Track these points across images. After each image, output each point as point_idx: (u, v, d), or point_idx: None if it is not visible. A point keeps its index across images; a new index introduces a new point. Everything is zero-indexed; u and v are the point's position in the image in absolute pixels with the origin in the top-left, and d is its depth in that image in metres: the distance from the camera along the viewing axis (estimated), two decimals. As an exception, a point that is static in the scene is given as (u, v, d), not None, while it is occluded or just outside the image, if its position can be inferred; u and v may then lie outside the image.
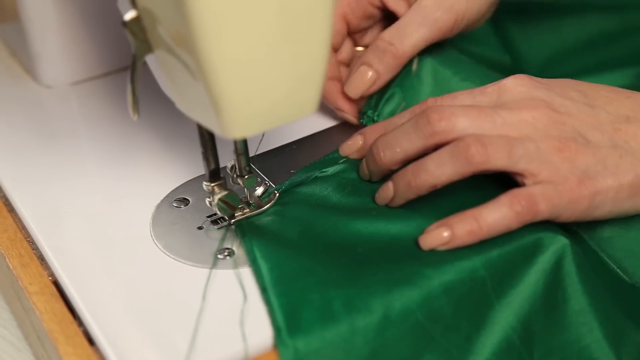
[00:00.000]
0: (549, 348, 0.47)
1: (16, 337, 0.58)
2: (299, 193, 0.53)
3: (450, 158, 0.48)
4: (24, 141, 0.60)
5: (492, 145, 0.47)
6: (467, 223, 0.47)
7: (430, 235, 0.48)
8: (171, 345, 0.45)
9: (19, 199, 0.55)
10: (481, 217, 0.47)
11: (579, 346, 0.47)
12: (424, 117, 0.49)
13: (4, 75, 0.68)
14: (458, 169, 0.48)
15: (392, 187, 0.51)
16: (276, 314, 0.45)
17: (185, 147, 0.58)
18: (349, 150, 0.55)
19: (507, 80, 0.51)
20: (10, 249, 0.52)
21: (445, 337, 0.46)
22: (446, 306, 0.46)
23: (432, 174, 0.48)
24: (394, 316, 0.45)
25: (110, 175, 0.57)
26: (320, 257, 0.48)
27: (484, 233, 0.47)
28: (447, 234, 0.47)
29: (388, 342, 0.45)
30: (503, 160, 0.47)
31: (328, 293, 0.45)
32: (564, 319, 0.47)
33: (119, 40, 0.66)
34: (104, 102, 0.64)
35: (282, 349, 0.43)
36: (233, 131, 0.43)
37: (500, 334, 0.46)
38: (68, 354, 0.45)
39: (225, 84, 0.42)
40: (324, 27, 0.43)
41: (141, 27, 0.45)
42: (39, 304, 0.48)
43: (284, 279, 0.46)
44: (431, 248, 0.48)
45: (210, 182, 0.50)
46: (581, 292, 0.47)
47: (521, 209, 0.47)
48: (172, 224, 0.52)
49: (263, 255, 0.48)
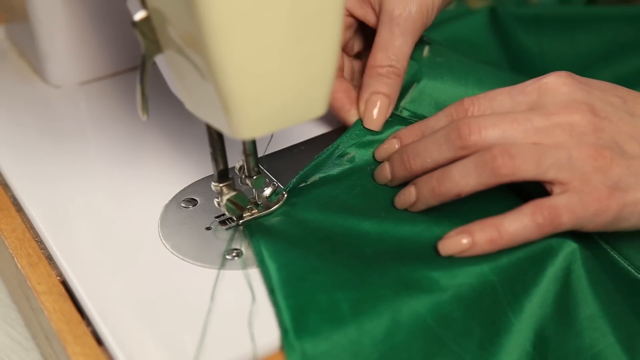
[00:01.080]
0: (562, 354, 0.47)
1: (24, 337, 0.58)
2: (308, 194, 0.53)
3: (476, 169, 0.47)
4: (33, 141, 0.61)
5: (519, 156, 0.47)
6: (488, 231, 0.47)
7: (449, 241, 0.47)
8: (179, 345, 0.45)
9: (27, 198, 0.55)
10: (502, 226, 0.47)
11: (592, 352, 0.46)
12: (455, 130, 0.48)
13: (12, 75, 0.68)
14: (483, 180, 0.47)
15: (415, 192, 0.50)
16: (283, 315, 0.45)
17: (193, 147, 0.58)
18: (385, 154, 0.54)
19: (548, 79, 0.49)
20: (18, 249, 0.52)
21: (457, 343, 0.45)
22: (456, 310, 0.46)
23: (457, 183, 0.48)
24: (402, 319, 0.45)
25: (119, 175, 0.57)
26: (328, 258, 0.48)
27: (504, 242, 0.47)
28: (467, 241, 0.47)
29: (397, 346, 0.44)
30: (531, 171, 0.47)
31: (336, 295, 0.45)
32: (576, 325, 0.47)
33: (127, 41, 0.66)
34: (112, 102, 0.64)
35: (289, 351, 0.43)
36: (242, 132, 0.43)
37: (515, 341, 0.46)
38: (76, 354, 0.45)
39: (235, 85, 0.42)
40: (334, 28, 0.43)
41: (151, 27, 0.45)
42: (47, 303, 0.48)
43: (291, 280, 0.46)
44: (450, 254, 0.47)
45: (219, 183, 0.50)
46: (592, 297, 0.47)
47: (543, 221, 0.46)
48: (180, 225, 0.52)
49: (271, 255, 0.48)
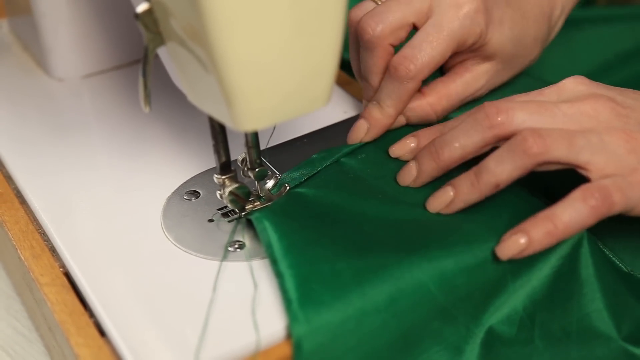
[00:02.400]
0: (550, 315, 0.47)
1: (27, 329, 0.59)
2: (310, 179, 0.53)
3: (509, 153, 0.47)
4: (36, 133, 0.61)
5: (550, 136, 0.46)
6: (542, 225, 0.46)
7: (506, 244, 0.47)
8: (182, 336, 0.45)
9: (30, 191, 0.55)
10: (555, 216, 0.46)
11: (579, 315, 0.47)
12: (481, 111, 0.48)
13: (16, 69, 0.68)
14: (517, 163, 0.47)
15: (452, 190, 0.49)
16: (287, 285, 0.45)
17: (196, 139, 0.58)
18: (400, 150, 0.54)
19: (566, 81, 0.50)
20: (22, 241, 0.52)
21: (456, 307, 0.46)
22: (459, 277, 0.46)
23: (493, 172, 0.47)
24: (405, 287, 0.45)
25: (121, 168, 0.57)
26: (327, 231, 0.48)
27: (560, 233, 0.46)
28: (524, 240, 0.46)
29: (400, 313, 0.45)
30: (563, 150, 0.46)
31: (338, 264, 0.46)
32: (568, 287, 0.47)
33: (130, 34, 0.66)
34: (115, 95, 0.64)
35: (293, 321, 0.44)
36: (245, 124, 0.43)
37: (510, 302, 0.47)
38: (79, 345, 0.45)
39: (237, 77, 0.42)
40: (336, 21, 0.43)
41: (153, 20, 0.45)
42: (50, 295, 0.48)
43: (293, 249, 0.47)
44: (510, 257, 0.47)
45: (221, 175, 0.50)
46: (590, 263, 0.47)
47: (595, 203, 0.45)
48: (182, 217, 0.52)
49: (272, 225, 0.48)
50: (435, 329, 0.46)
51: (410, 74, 0.53)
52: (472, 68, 0.57)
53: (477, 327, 0.47)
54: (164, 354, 0.45)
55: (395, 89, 0.54)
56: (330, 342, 0.44)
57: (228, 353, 0.44)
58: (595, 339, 0.47)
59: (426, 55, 0.53)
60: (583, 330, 0.47)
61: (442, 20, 0.53)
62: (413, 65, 0.53)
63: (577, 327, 0.47)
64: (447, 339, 0.46)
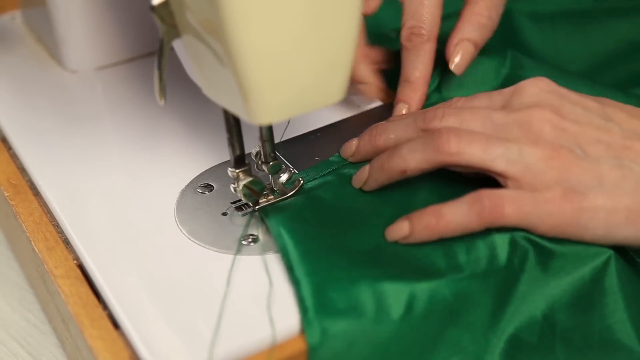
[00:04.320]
0: (571, 325, 0.47)
1: (40, 320, 0.59)
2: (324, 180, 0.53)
3: (422, 145, 0.48)
4: (50, 125, 0.61)
5: (466, 138, 0.47)
6: (426, 218, 0.47)
7: (393, 227, 0.48)
8: (195, 329, 0.45)
9: (44, 183, 0.55)
10: (440, 213, 0.46)
11: (601, 326, 0.47)
12: (422, 114, 0.50)
13: (29, 60, 0.68)
14: (428, 156, 0.47)
15: (368, 169, 0.51)
16: (303, 293, 0.45)
17: (209, 133, 0.58)
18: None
19: (525, 82, 0.49)
20: (35, 232, 0.52)
21: (470, 312, 0.46)
22: (473, 284, 0.46)
23: (404, 158, 0.48)
24: (421, 295, 0.45)
25: (135, 160, 0.57)
26: (344, 238, 0.48)
27: (441, 229, 0.46)
28: (407, 229, 0.47)
29: (414, 321, 0.45)
30: (477, 155, 0.46)
31: (353, 271, 0.45)
32: (590, 297, 0.47)
33: (144, 26, 0.66)
34: (129, 88, 0.64)
35: (308, 330, 0.44)
36: (260, 117, 0.43)
37: (525, 308, 0.46)
38: (93, 338, 0.45)
39: (253, 71, 0.42)
40: (352, 14, 0.43)
41: (169, 12, 0.45)
42: (64, 287, 0.48)
43: (309, 256, 0.46)
44: (394, 240, 0.48)
45: (235, 169, 0.50)
46: (614, 272, 0.47)
47: (481, 209, 0.46)
48: (196, 210, 0.52)
49: (288, 232, 0.48)
50: (452, 338, 0.46)
51: (425, 37, 0.55)
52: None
53: (496, 336, 0.46)
54: (177, 346, 0.45)
55: (418, 56, 0.55)
56: (345, 351, 0.44)
57: (242, 347, 0.44)
58: (617, 350, 0.46)
59: (428, 14, 0.55)
60: (605, 342, 0.46)
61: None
62: (424, 30, 0.55)
63: (598, 338, 0.46)
64: (466, 348, 0.46)
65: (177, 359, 0.44)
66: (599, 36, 0.67)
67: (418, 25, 0.55)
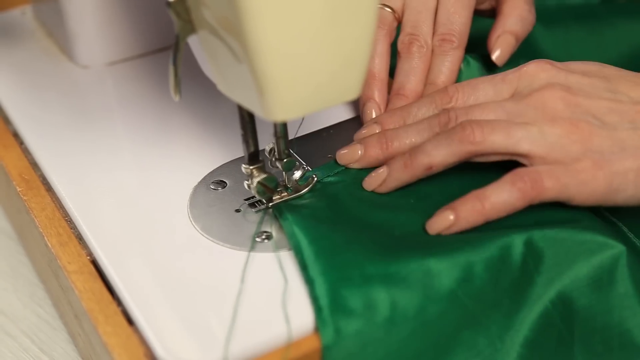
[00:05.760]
0: (590, 328, 0.47)
1: (51, 316, 0.59)
2: (338, 178, 0.53)
3: (446, 139, 0.48)
4: (62, 120, 0.61)
5: (488, 126, 0.48)
6: (471, 204, 0.47)
7: (436, 218, 0.48)
8: (208, 326, 0.45)
9: (57, 178, 0.55)
10: (484, 196, 0.47)
11: (620, 329, 0.46)
12: (435, 119, 0.50)
13: (40, 55, 0.68)
14: (453, 149, 0.48)
15: (386, 169, 0.51)
16: (317, 292, 0.45)
17: (223, 129, 0.58)
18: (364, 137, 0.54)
19: (528, 67, 0.51)
20: (48, 228, 0.52)
21: (486, 315, 0.46)
22: (487, 284, 0.46)
23: (429, 153, 0.49)
24: (434, 294, 0.45)
25: (148, 156, 0.57)
26: (357, 235, 0.48)
27: (487, 212, 0.47)
28: (453, 217, 0.48)
29: (428, 321, 0.45)
30: (501, 140, 0.48)
31: (367, 270, 0.45)
32: (608, 301, 0.47)
33: (155, 22, 0.66)
34: (141, 83, 0.64)
35: (323, 329, 0.43)
36: (276, 114, 0.43)
37: (540, 308, 0.46)
38: (107, 334, 0.45)
39: (270, 67, 0.41)
40: (369, 10, 0.43)
41: (185, 8, 0.45)
42: (77, 283, 0.48)
43: (323, 254, 0.46)
44: (438, 232, 0.48)
45: (249, 165, 0.50)
46: (628, 276, 0.47)
47: (524, 186, 0.47)
48: (209, 206, 0.52)
49: (301, 230, 0.48)
50: (467, 339, 0.45)
51: (455, 44, 0.56)
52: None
53: (512, 339, 0.46)
54: (191, 343, 0.45)
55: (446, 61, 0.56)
56: (359, 351, 0.44)
57: (257, 344, 0.44)
58: (638, 353, 0.46)
59: (460, 24, 0.56)
60: (624, 345, 0.46)
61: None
62: (455, 38, 0.56)
63: (618, 342, 0.46)
64: (483, 351, 0.46)
65: (190, 355, 0.44)
66: (612, 40, 0.67)
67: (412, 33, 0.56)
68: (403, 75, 0.56)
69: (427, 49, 0.56)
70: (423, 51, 0.56)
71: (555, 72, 0.50)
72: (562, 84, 0.49)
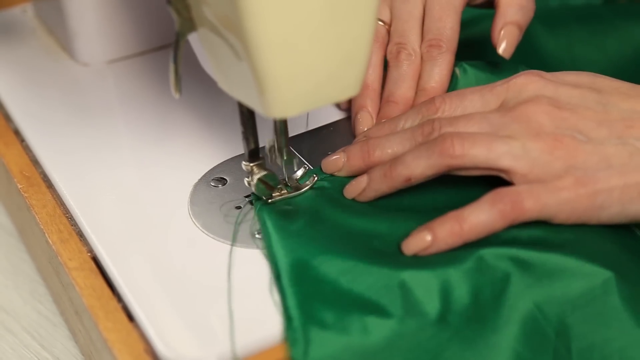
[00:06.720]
0: (588, 344, 0.45)
1: (52, 312, 0.59)
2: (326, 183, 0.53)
3: (427, 151, 0.47)
4: (62, 118, 0.61)
5: (469, 139, 0.47)
6: (449, 225, 0.46)
7: (412, 239, 0.47)
8: (209, 322, 0.45)
9: (57, 175, 0.55)
10: (462, 217, 0.46)
11: (620, 343, 0.45)
12: (419, 128, 0.50)
13: (41, 53, 0.68)
14: (432, 161, 0.47)
15: (366, 179, 0.50)
16: (289, 303, 0.44)
17: (223, 126, 0.58)
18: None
19: (517, 78, 0.50)
20: (49, 225, 0.52)
21: (469, 327, 0.44)
22: (466, 297, 0.45)
23: (408, 165, 0.48)
24: (410, 307, 0.44)
25: (148, 153, 0.57)
26: (334, 246, 0.47)
27: (465, 233, 0.46)
28: (430, 237, 0.46)
29: (405, 334, 0.44)
30: (482, 155, 0.46)
31: (340, 284, 0.45)
32: (604, 314, 0.45)
33: (156, 19, 0.66)
34: (141, 81, 0.64)
35: (292, 342, 0.43)
36: (276, 111, 0.43)
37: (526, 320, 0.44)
38: (108, 330, 0.45)
39: (270, 64, 0.42)
40: (369, 8, 0.43)
41: (186, 5, 0.45)
42: (78, 279, 0.48)
43: (297, 265, 0.46)
44: (414, 252, 0.46)
45: (250, 162, 0.50)
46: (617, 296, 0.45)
47: (503, 207, 0.46)
48: (209, 203, 0.52)
49: (279, 240, 0.48)
50: (450, 355, 0.44)
51: (443, 48, 0.55)
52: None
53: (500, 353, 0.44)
54: (191, 339, 0.45)
55: (435, 66, 0.55)
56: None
57: (255, 341, 0.44)
58: None
59: (447, 28, 0.56)
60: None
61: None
62: (443, 43, 0.55)
63: (619, 358, 0.44)
64: None
65: (191, 351, 0.44)
66: (615, 41, 0.66)
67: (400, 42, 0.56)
68: (392, 82, 0.56)
69: (416, 56, 0.56)
70: (412, 59, 0.56)
71: (544, 84, 0.49)
72: (549, 97, 0.48)
